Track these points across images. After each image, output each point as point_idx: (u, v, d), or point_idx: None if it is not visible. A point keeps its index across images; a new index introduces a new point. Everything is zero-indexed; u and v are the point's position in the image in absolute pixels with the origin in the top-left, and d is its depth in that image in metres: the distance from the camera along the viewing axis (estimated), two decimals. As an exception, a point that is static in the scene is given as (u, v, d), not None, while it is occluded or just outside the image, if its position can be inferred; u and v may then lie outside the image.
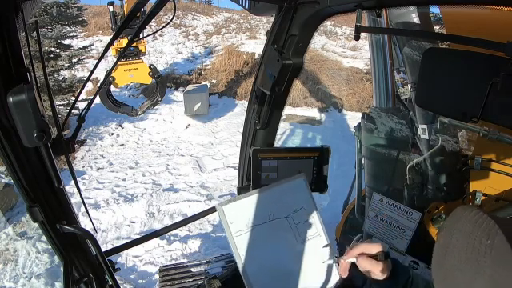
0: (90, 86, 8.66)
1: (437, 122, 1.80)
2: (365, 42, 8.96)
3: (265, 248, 1.08)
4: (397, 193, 2.05)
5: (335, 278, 1.15)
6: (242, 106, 8.63)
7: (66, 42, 7.83)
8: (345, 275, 0.98)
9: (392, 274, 0.92)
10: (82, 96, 7.58)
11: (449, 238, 0.52)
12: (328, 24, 14.18)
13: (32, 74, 0.71)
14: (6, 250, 3.99)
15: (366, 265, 0.92)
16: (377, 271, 0.92)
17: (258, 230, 1.08)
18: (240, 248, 1.04)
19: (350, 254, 0.96)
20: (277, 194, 1.14)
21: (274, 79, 1.12)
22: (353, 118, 8.12)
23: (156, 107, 6.97)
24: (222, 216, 1.05)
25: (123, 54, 3.74)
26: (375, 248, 0.94)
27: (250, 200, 1.10)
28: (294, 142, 7.02)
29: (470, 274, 0.47)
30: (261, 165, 1.32)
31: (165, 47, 11.85)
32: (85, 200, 1.90)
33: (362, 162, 2.30)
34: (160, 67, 9.62)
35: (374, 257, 0.92)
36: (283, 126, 7.50)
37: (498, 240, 0.46)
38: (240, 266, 1.03)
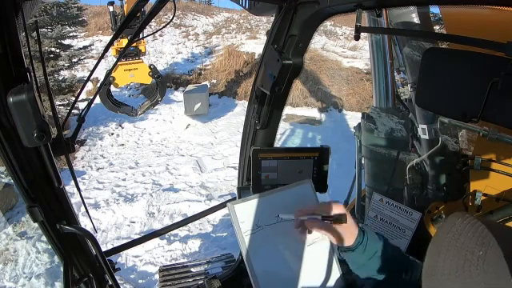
0: (90, 86, 8.66)
1: (437, 122, 1.79)
2: (365, 41, 8.96)
3: (272, 248, 1.09)
4: (397, 193, 2.05)
5: (338, 279, 1.16)
6: (242, 106, 8.64)
7: (66, 41, 7.84)
8: (299, 230, 0.94)
9: (361, 241, 0.85)
10: (82, 96, 7.58)
11: (439, 249, 0.50)
12: (328, 24, 14.18)
13: (32, 74, 0.71)
14: (6, 249, 3.99)
15: (314, 226, 0.87)
16: (333, 236, 0.86)
17: (266, 231, 1.09)
18: (249, 247, 1.05)
19: (303, 212, 0.91)
20: (284, 198, 1.16)
21: (274, 79, 1.12)
22: (353, 118, 8.12)
23: (156, 107, 6.97)
24: (232, 214, 1.06)
25: (123, 54, 3.74)
26: (333, 209, 0.86)
27: (260, 201, 1.11)
28: (294, 142, 7.02)
29: (461, 286, 0.46)
30: (261, 165, 1.32)
31: (165, 47, 11.86)
32: (85, 200, 1.91)
33: (362, 162, 2.30)
34: (160, 67, 9.63)
35: (330, 219, 0.85)
36: (283, 126, 7.51)
37: (491, 251, 0.45)
38: (247, 264, 1.04)
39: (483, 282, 0.44)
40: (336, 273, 1.14)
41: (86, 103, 3.14)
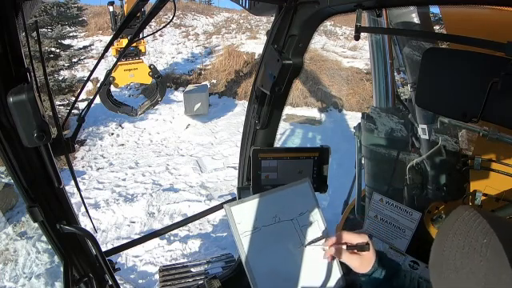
0: (90, 86, 8.66)
1: (437, 122, 1.79)
2: (365, 41, 8.96)
3: (270, 249, 1.09)
4: (397, 193, 2.05)
5: (338, 280, 1.15)
6: (242, 106, 8.63)
7: (66, 41, 7.84)
8: (330, 260, 1.00)
9: (376, 267, 0.90)
10: (82, 96, 7.57)
11: (445, 238, 0.52)
12: (328, 24, 14.18)
13: (32, 73, 0.71)
14: (6, 249, 3.99)
15: (340, 256, 0.92)
16: (352, 264, 0.91)
17: (263, 232, 1.09)
18: (246, 248, 1.05)
19: (328, 242, 0.97)
20: (282, 198, 1.15)
21: (274, 79, 1.12)
22: (353, 118, 8.12)
23: (156, 107, 6.97)
24: (229, 216, 1.06)
25: (123, 54, 3.74)
26: (357, 238, 0.92)
27: (257, 202, 1.11)
28: (294, 142, 7.02)
29: (465, 273, 0.47)
30: (261, 165, 1.31)
31: (165, 47, 11.85)
32: (85, 200, 1.90)
33: (362, 162, 2.30)
34: (160, 67, 9.62)
35: (354, 247, 0.91)
36: (283, 126, 7.51)
37: (494, 239, 0.46)
38: (246, 266, 1.03)
39: (486, 268, 0.45)
40: (336, 273, 1.14)
41: (86, 103, 3.14)
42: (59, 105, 6.81)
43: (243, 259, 1.03)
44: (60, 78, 6.99)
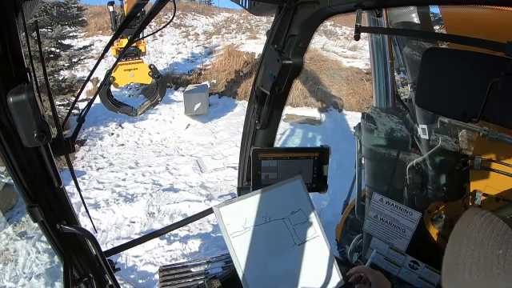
0: (90, 86, 8.66)
1: (437, 122, 1.79)
2: (365, 41, 8.96)
3: (262, 249, 1.08)
4: (397, 193, 2.05)
5: (335, 279, 1.15)
6: (242, 106, 8.63)
7: (66, 41, 7.83)
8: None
9: None
10: (82, 96, 7.57)
11: (459, 247, 0.49)
12: (328, 24, 14.17)
13: (32, 73, 0.71)
14: (6, 249, 3.99)
15: None
16: None
17: (254, 232, 1.08)
18: (237, 249, 1.04)
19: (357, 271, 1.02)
20: (273, 196, 1.15)
21: (274, 79, 1.12)
22: (353, 118, 8.11)
23: (156, 107, 6.97)
24: (218, 217, 1.06)
25: (123, 54, 3.74)
26: (379, 279, 0.98)
27: (247, 202, 1.11)
28: (294, 142, 7.02)
29: (485, 286, 0.45)
30: (261, 165, 1.32)
31: (165, 47, 11.85)
32: (85, 200, 1.90)
33: (362, 162, 2.30)
34: (160, 67, 9.62)
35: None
36: (283, 126, 7.50)
37: (510, 249, 0.44)
38: (237, 266, 1.03)
39: (505, 280, 0.43)
40: (335, 273, 1.14)
41: (86, 103, 3.14)
42: (59, 105, 6.81)
43: (234, 260, 1.03)
44: (60, 78, 6.99)
